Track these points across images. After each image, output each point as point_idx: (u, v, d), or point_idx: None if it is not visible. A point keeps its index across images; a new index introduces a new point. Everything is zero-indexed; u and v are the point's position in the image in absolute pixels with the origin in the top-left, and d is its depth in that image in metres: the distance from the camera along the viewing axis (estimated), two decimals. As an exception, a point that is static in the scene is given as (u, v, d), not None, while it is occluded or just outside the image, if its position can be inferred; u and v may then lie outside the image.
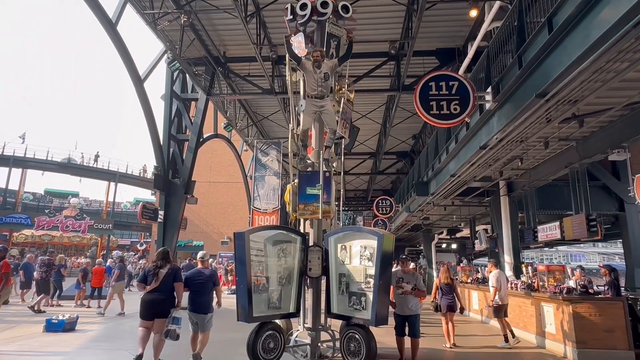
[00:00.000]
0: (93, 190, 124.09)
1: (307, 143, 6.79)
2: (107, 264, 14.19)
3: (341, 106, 6.94)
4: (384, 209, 19.39)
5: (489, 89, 6.83)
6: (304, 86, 6.81)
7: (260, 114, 19.00)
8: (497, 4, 10.10)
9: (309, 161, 6.96)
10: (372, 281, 5.65)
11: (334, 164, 7.10)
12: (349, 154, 19.50)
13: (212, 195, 39.23)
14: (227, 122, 17.07)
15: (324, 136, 6.88)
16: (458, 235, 26.96)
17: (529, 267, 10.70)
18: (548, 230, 10.07)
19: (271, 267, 6.06)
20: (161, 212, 13.00)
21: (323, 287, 6.42)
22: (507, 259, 12.33)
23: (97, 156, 41.94)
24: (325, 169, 6.51)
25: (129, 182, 44.20)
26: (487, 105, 6.95)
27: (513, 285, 10.08)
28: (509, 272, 12.15)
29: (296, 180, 6.80)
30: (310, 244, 6.38)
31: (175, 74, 13.83)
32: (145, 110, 11.99)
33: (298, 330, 6.29)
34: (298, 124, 7.18)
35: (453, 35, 12.87)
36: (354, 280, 5.97)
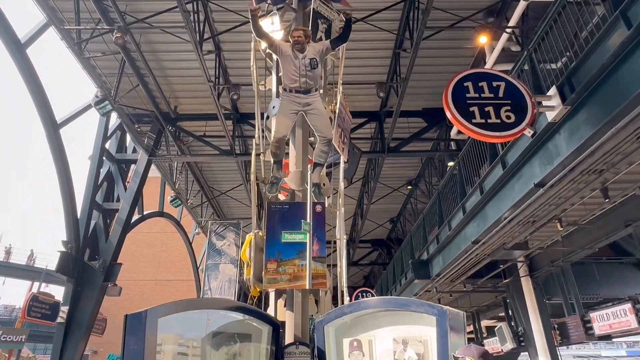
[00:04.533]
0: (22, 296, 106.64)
1: (281, 158, 4.06)
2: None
3: (337, 108, 4.44)
4: (364, 304, 15.86)
5: (552, 90, 4.65)
6: (277, 77, 4.36)
7: (218, 189, 16.22)
8: (503, 39, 8.75)
9: (282, 193, 4.19)
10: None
11: (328, 196, 4.33)
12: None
13: (156, 296, 33.63)
14: (175, 195, 14.06)
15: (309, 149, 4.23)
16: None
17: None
18: (612, 318, 7.33)
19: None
20: (64, 308, 9.13)
21: None
22: (543, 363, 9.21)
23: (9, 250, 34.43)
24: (315, 201, 3.74)
25: (60, 283, 37.76)
26: (550, 117, 4.71)
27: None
28: (548, 382, 8.95)
29: (261, 229, 3.93)
30: (288, 341, 3.30)
31: (111, 127, 11.14)
32: (58, 163, 8.97)
33: None
34: (267, 142, 4.56)
35: (442, 92, 11.41)
36: (384, 418, 2.86)
